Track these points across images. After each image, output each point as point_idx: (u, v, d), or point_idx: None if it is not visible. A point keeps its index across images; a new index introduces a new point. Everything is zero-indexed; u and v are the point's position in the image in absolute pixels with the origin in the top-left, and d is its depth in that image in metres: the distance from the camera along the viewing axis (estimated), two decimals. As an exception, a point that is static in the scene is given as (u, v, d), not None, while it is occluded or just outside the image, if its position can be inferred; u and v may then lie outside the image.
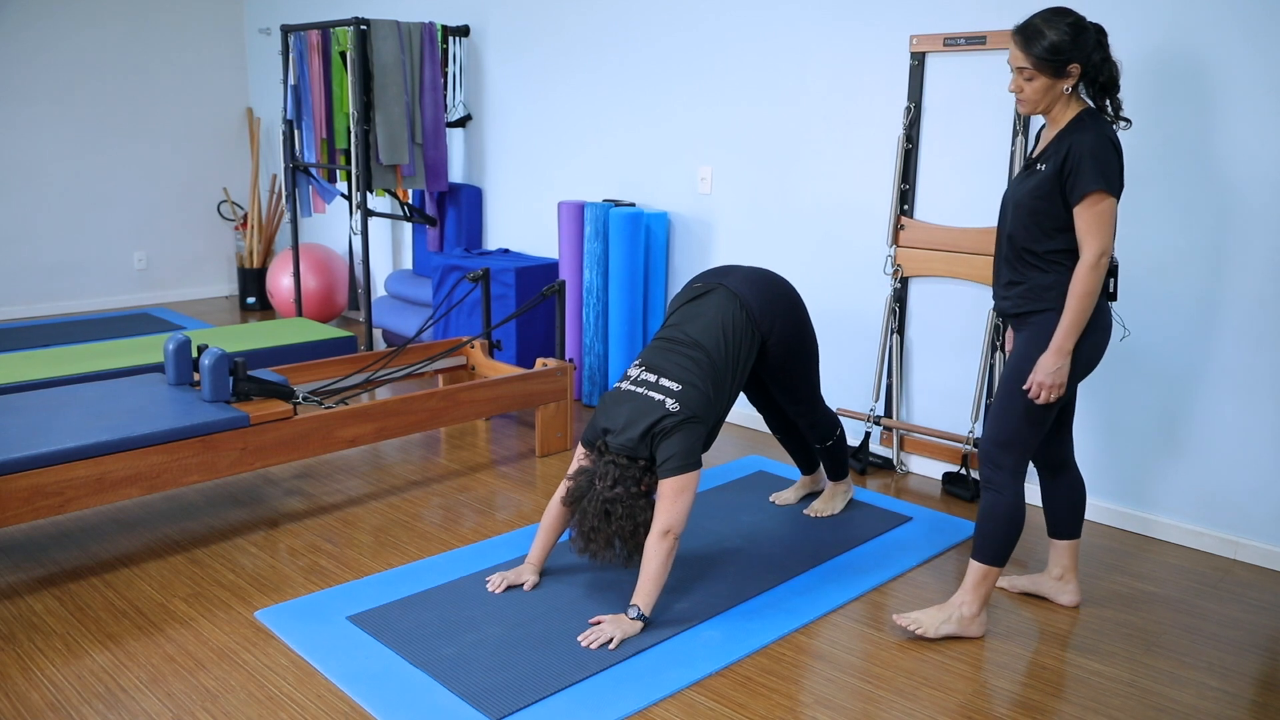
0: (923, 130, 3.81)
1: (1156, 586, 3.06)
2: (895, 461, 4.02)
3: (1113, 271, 2.56)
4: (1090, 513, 3.55)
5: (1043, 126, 2.66)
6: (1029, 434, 2.61)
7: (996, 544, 2.65)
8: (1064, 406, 2.77)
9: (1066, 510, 2.85)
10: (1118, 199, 2.46)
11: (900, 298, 3.95)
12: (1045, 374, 2.51)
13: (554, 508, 2.87)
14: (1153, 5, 3.20)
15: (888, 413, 4.04)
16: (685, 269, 4.71)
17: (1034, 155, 2.59)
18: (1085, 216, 2.45)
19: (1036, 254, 2.54)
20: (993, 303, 2.76)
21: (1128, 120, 2.57)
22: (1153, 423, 3.38)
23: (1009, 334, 2.85)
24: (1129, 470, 3.46)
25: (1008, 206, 2.62)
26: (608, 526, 2.65)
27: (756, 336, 2.96)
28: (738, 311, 2.93)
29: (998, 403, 2.65)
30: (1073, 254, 2.51)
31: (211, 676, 2.46)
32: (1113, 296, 2.59)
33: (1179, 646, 2.71)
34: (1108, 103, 2.55)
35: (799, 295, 3.11)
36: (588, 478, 2.71)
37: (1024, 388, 2.56)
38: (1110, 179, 2.43)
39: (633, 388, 2.78)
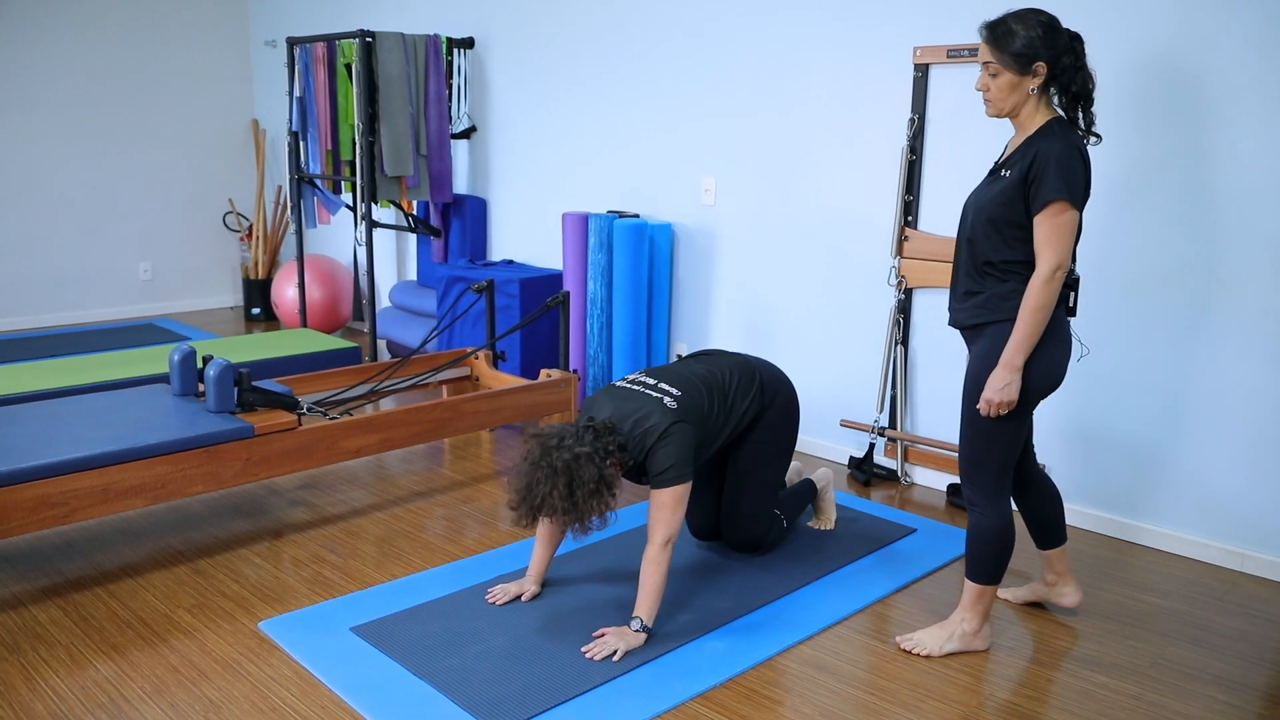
0: (926, 141, 3.82)
1: (1162, 599, 3.05)
2: (900, 473, 4.01)
3: (1073, 286, 2.49)
4: (1094, 524, 3.54)
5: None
6: (997, 451, 2.54)
7: (988, 564, 2.61)
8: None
9: (1046, 521, 2.81)
10: (1080, 211, 2.40)
11: (904, 309, 3.95)
12: (993, 390, 2.44)
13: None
14: (1155, 13, 3.20)
15: (892, 424, 4.03)
16: (689, 280, 4.71)
17: (1000, 161, 2.53)
18: (1045, 226, 2.38)
19: (994, 264, 2.48)
20: (948, 315, 2.66)
21: (1098, 135, 2.51)
22: (1157, 434, 3.37)
23: None
24: (1132, 482, 3.45)
25: (969, 213, 2.55)
26: (572, 503, 2.49)
27: (759, 401, 3.00)
28: (750, 372, 3.01)
29: (963, 422, 2.58)
30: (1032, 265, 2.44)
31: (215, 687, 2.45)
32: (1072, 312, 2.51)
33: (1185, 659, 2.70)
34: (1080, 115, 2.50)
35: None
36: (558, 433, 2.57)
37: (976, 406, 2.50)
38: (1075, 190, 2.37)
39: (630, 385, 2.80)
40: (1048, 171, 2.36)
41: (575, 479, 2.50)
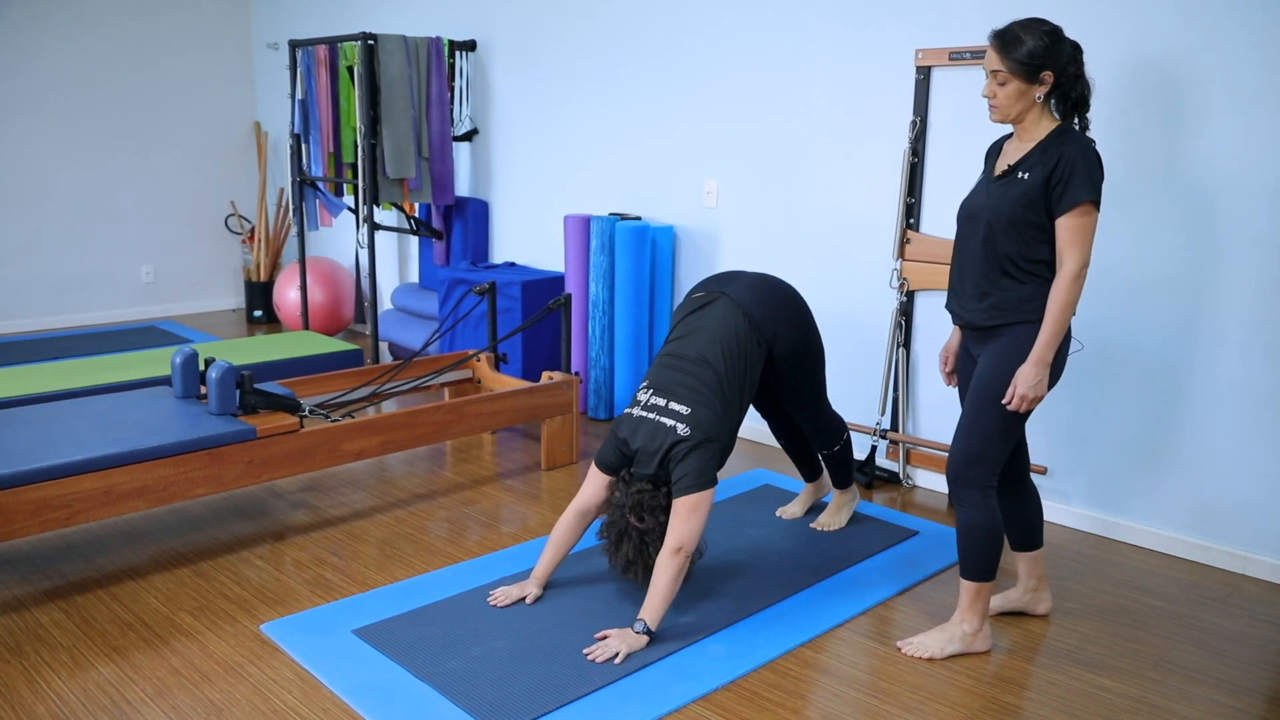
0: (928, 144, 3.82)
1: (1164, 602, 3.05)
2: (901, 475, 4.01)
3: None
4: (1095, 527, 3.54)
5: (1005, 138, 2.67)
6: (1000, 448, 2.60)
7: (981, 561, 2.64)
8: None
9: (1028, 523, 2.83)
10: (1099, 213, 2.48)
11: (906, 311, 3.95)
12: (1026, 385, 2.50)
13: (565, 524, 2.88)
14: (1155, 15, 3.20)
15: (894, 426, 4.03)
16: (691, 282, 4.71)
17: (1011, 164, 2.55)
18: (1070, 227, 2.45)
19: (1018, 264, 2.53)
20: (952, 315, 2.73)
21: (1092, 140, 2.55)
22: (1158, 436, 3.37)
23: (952, 344, 2.82)
24: (1133, 484, 3.45)
25: (979, 216, 2.59)
26: (645, 557, 2.76)
27: (762, 345, 2.96)
28: (741, 322, 2.91)
29: (968, 419, 2.63)
30: (1050, 265, 2.52)
31: (217, 690, 2.46)
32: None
33: (1188, 662, 2.70)
34: (1075, 120, 2.56)
35: (803, 299, 3.11)
36: (619, 511, 2.79)
37: (1004, 401, 2.55)
38: (1098, 192, 2.45)
39: (644, 413, 2.80)
40: (1075, 174, 2.43)
41: (651, 557, 2.75)
